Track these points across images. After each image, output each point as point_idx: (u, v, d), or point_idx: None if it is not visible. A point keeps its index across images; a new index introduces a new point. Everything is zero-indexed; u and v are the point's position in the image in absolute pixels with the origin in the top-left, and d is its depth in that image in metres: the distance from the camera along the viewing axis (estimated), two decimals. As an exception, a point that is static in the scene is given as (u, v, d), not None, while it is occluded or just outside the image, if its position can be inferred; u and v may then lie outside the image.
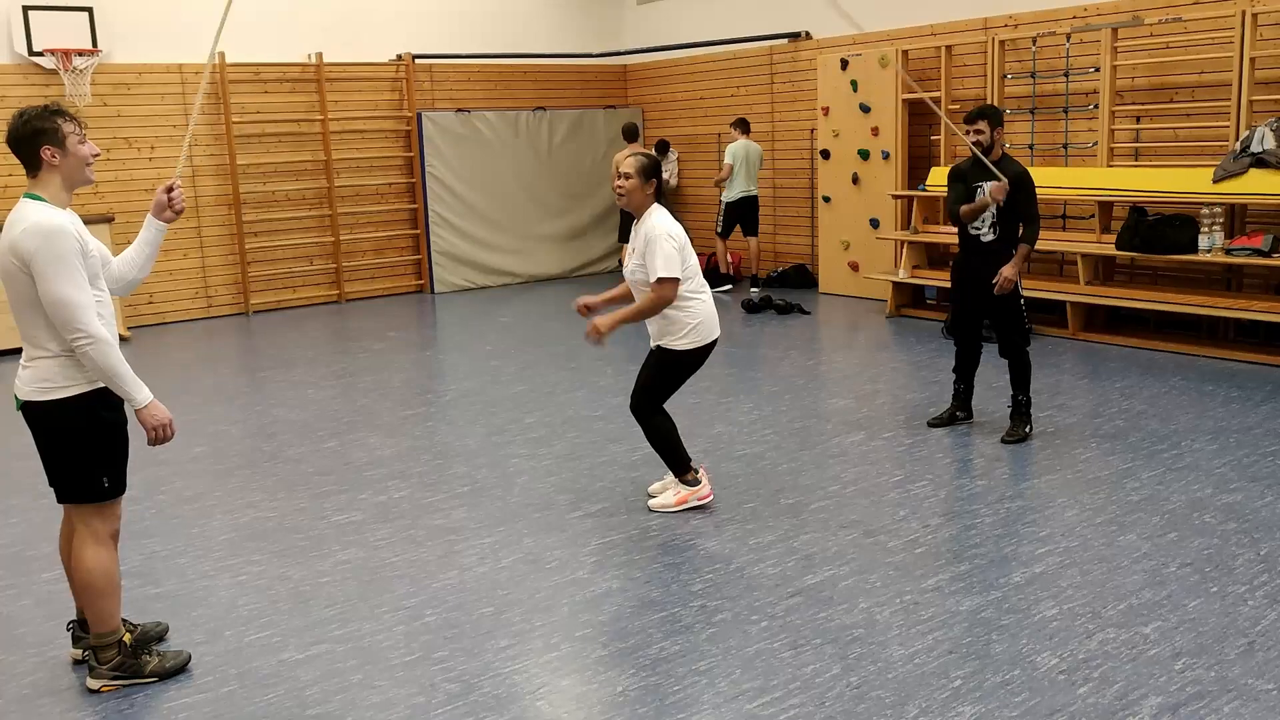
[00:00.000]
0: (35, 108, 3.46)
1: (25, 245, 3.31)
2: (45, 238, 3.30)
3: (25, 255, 3.31)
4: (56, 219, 3.35)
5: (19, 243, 3.32)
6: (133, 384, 3.45)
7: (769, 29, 11.77)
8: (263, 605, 4.23)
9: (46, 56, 9.90)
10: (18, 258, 3.32)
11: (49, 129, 3.41)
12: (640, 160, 4.92)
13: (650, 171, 4.92)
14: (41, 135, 3.40)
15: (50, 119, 3.42)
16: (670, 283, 4.80)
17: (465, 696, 3.49)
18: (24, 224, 3.33)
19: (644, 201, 4.93)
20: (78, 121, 3.49)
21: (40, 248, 3.30)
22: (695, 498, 5.11)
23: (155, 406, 3.50)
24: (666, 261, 4.77)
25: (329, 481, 5.77)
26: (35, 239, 3.30)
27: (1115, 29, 8.66)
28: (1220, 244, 7.84)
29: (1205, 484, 5.17)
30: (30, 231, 3.31)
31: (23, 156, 3.43)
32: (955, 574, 4.27)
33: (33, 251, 3.30)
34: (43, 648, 3.94)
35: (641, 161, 4.92)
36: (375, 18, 11.87)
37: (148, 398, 3.48)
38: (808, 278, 11.66)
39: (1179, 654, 3.58)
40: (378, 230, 12.20)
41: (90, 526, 3.57)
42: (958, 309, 6.28)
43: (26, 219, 3.34)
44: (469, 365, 8.56)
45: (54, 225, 3.33)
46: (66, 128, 3.44)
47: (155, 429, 3.51)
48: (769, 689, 3.46)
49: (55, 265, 3.31)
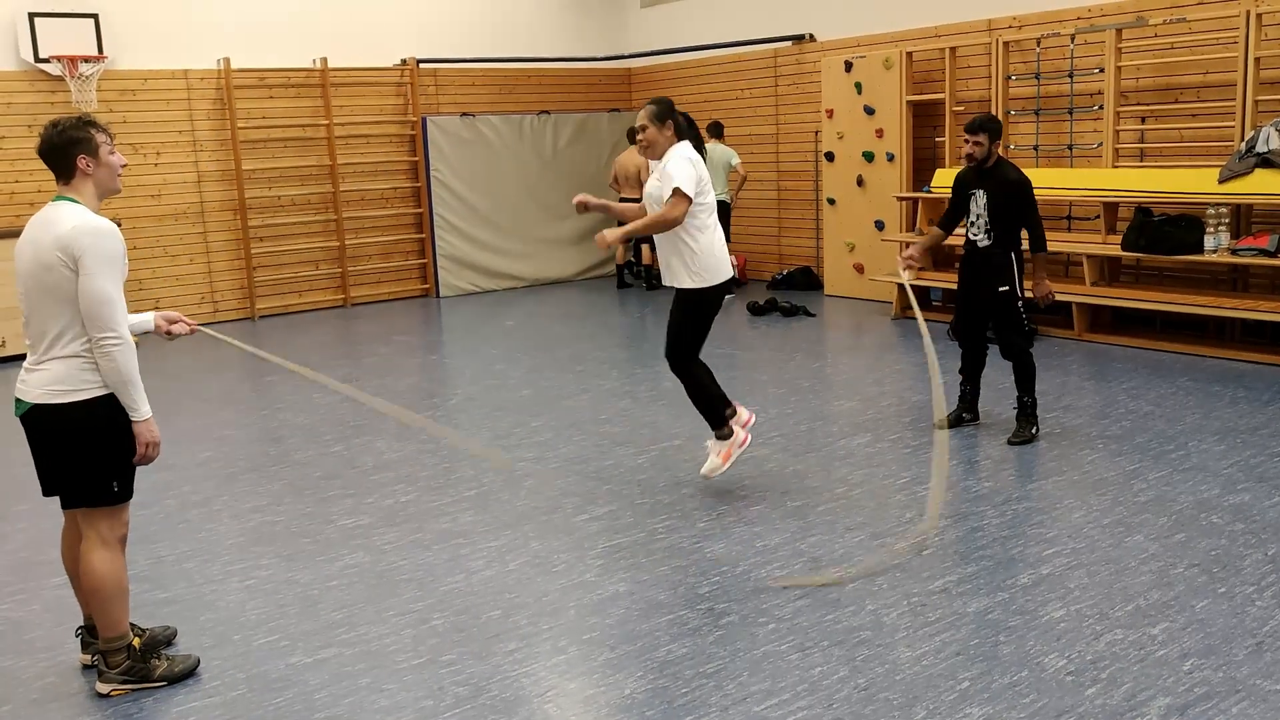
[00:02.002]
0: (70, 118, 3.55)
1: (79, 242, 3.37)
2: (98, 236, 3.40)
3: (76, 251, 3.36)
4: (106, 221, 3.47)
5: (70, 240, 3.37)
6: (141, 395, 3.52)
7: (773, 31, 11.78)
8: (271, 609, 4.24)
9: (52, 63, 9.93)
10: (65, 253, 3.37)
11: (84, 138, 3.50)
12: (651, 108, 5.06)
13: (663, 114, 5.05)
14: (77, 144, 3.49)
15: (85, 129, 3.51)
16: (684, 199, 4.87)
17: (474, 699, 3.49)
18: (74, 221, 3.40)
19: (668, 142, 5.06)
20: (108, 133, 3.60)
21: (93, 245, 3.38)
22: (737, 449, 5.22)
23: (153, 423, 3.57)
24: (684, 179, 4.87)
25: (336, 485, 5.78)
26: (89, 236, 3.38)
27: (1120, 29, 8.65)
28: (1226, 244, 7.82)
29: (1213, 485, 5.17)
30: (83, 229, 3.39)
31: (57, 164, 3.51)
32: (962, 575, 4.27)
33: (85, 248, 3.37)
34: (52, 652, 3.95)
35: (652, 109, 5.06)
36: (380, 23, 11.90)
37: (149, 413, 3.55)
38: (813, 280, 11.66)
39: (1187, 655, 3.58)
40: (383, 235, 12.22)
41: (98, 531, 3.58)
42: (960, 311, 6.30)
43: (76, 217, 3.42)
44: (475, 369, 8.57)
45: (107, 226, 3.45)
46: (100, 138, 3.54)
47: (148, 444, 3.56)
48: (777, 691, 3.46)
49: (105, 264, 3.40)
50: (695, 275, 5.03)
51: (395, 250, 12.35)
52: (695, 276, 5.03)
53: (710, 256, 5.03)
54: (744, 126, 12.41)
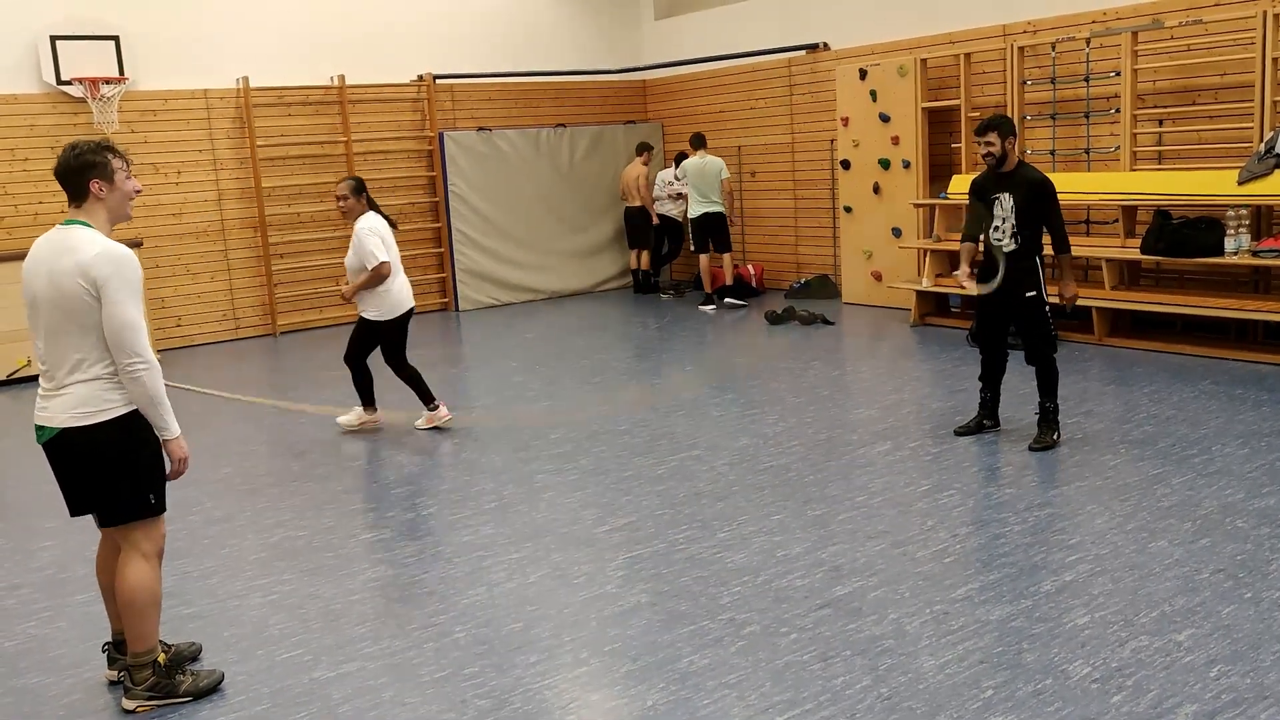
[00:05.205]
0: (88, 141, 3.57)
1: (100, 270, 3.38)
2: (119, 264, 3.42)
3: (99, 279, 3.38)
4: (125, 248, 3.49)
5: (91, 266, 3.39)
6: (170, 414, 3.56)
7: (787, 41, 11.79)
8: (294, 624, 4.26)
9: (74, 85, 10.05)
10: (87, 280, 3.39)
11: (100, 163, 3.52)
12: (350, 182, 6.82)
13: (359, 188, 6.83)
14: (92, 169, 3.51)
15: (101, 154, 3.53)
16: (385, 264, 6.77)
17: (496, 712, 3.50)
18: (95, 249, 3.41)
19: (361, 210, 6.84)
20: (126, 159, 3.62)
21: (115, 273, 3.40)
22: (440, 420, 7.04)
23: (183, 441, 3.63)
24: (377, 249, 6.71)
25: (357, 499, 5.81)
26: (111, 265, 3.40)
27: (1135, 32, 8.62)
28: (1247, 246, 7.77)
29: (1237, 489, 5.12)
30: (104, 257, 3.40)
31: (71, 187, 3.53)
32: (985, 583, 4.25)
33: (108, 276, 3.39)
34: (79, 669, 3.98)
35: (351, 183, 6.81)
36: (396, 39, 11.98)
37: (178, 431, 3.61)
38: (831, 288, 11.64)
39: (1213, 661, 3.55)
40: (402, 249, 12.09)
41: (137, 545, 3.63)
42: (982, 317, 6.25)
43: (95, 243, 3.43)
44: (494, 381, 8.60)
45: (126, 253, 3.47)
46: (115, 163, 3.55)
47: (180, 460, 3.62)
48: (799, 701, 3.45)
49: (127, 290, 3.43)
50: (377, 310, 6.86)
51: (414, 265, 12.39)
52: (376, 311, 6.87)
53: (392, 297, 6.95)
54: (759, 136, 12.43)
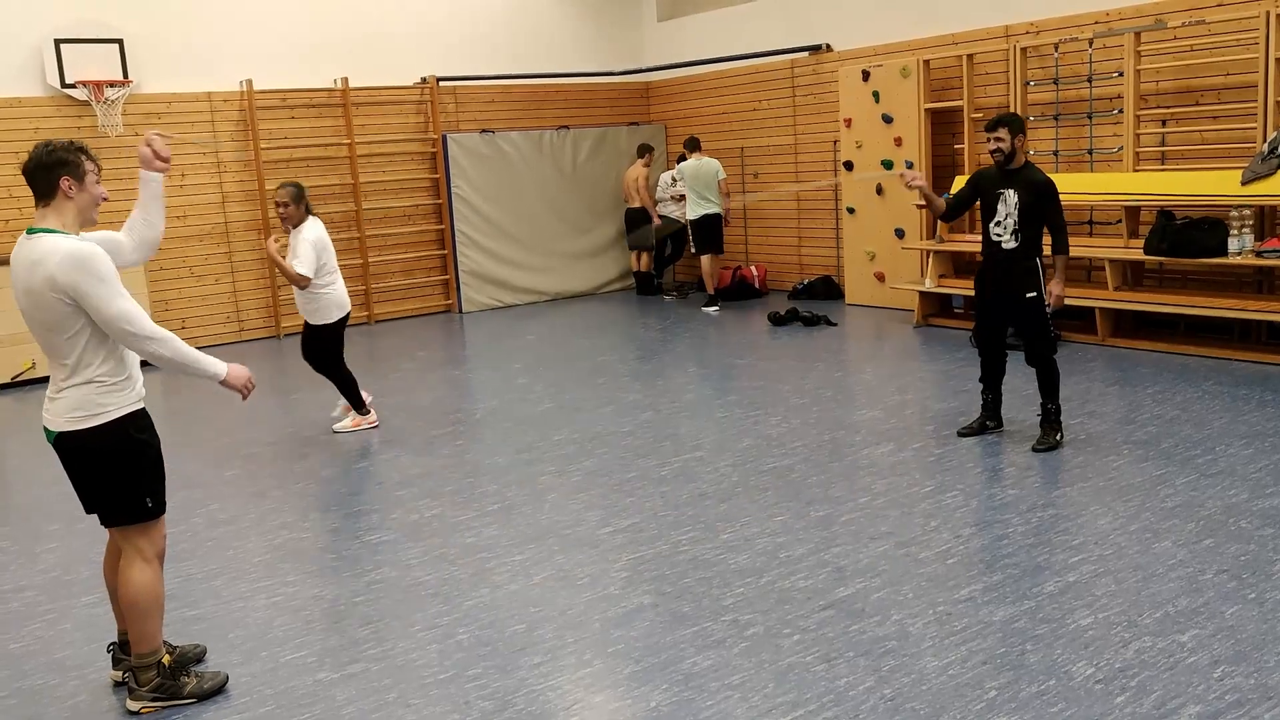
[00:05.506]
0: (63, 140, 3.55)
1: (68, 277, 3.34)
2: (82, 265, 3.36)
3: (68, 287, 3.35)
4: (83, 244, 3.41)
5: (57, 275, 3.35)
6: (208, 363, 3.61)
7: (789, 42, 11.79)
8: (298, 625, 4.27)
9: (79, 88, 10.07)
10: (58, 291, 3.36)
11: (73, 161, 3.50)
12: (290, 189, 6.73)
13: (299, 197, 6.74)
14: (64, 166, 3.48)
15: (75, 153, 3.51)
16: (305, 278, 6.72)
17: (500, 713, 3.50)
18: (56, 255, 3.35)
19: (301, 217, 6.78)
20: (98, 164, 3.60)
21: (83, 276, 3.36)
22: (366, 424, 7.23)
23: (234, 369, 3.68)
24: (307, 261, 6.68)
25: (361, 501, 5.82)
26: (75, 269, 3.35)
27: (1138, 33, 8.61)
28: (1250, 246, 7.76)
29: (1241, 489, 5.12)
30: (67, 263, 3.35)
31: (39, 184, 3.49)
32: (988, 584, 4.25)
33: (77, 281, 3.35)
34: (83, 670, 3.99)
35: (292, 190, 6.73)
36: (399, 42, 12.00)
37: (224, 368, 3.65)
38: (834, 289, 11.64)
39: (1217, 662, 3.55)
40: (405, 251, 12.30)
41: (137, 547, 3.64)
42: (981, 318, 6.25)
43: (57, 250, 3.36)
44: (497, 383, 8.60)
45: (86, 250, 3.39)
46: (88, 165, 3.53)
47: (244, 386, 3.70)
48: (802, 703, 3.45)
49: (102, 286, 3.38)
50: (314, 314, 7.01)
51: (417, 267, 12.43)
52: (313, 315, 7.02)
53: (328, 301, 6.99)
54: (762, 138, 12.43)
